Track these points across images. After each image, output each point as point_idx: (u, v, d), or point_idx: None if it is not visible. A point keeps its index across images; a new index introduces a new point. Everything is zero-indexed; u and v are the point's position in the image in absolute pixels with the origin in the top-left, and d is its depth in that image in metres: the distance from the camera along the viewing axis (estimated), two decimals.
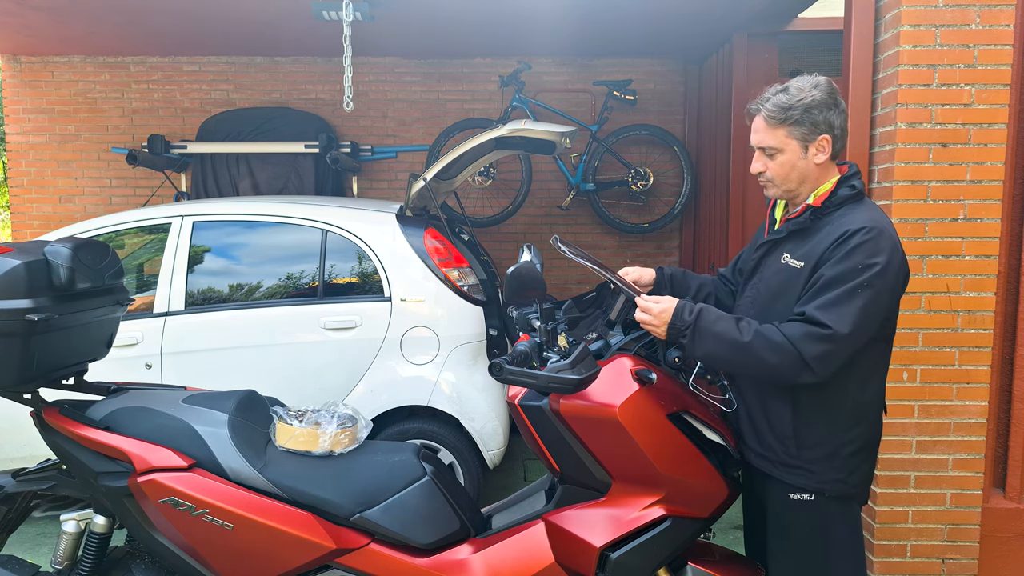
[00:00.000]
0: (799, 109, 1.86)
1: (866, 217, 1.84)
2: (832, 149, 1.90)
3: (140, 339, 3.75)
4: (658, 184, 6.03)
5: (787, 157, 1.91)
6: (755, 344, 1.79)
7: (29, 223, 6.32)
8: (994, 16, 2.95)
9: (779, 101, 1.89)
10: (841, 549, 1.92)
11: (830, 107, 1.87)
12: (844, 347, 1.77)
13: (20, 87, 6.24)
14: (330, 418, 2.25)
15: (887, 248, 1.80)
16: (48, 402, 2.28)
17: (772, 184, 1.97)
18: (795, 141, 1.90)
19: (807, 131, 1.88)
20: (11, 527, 2.34)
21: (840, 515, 1.92)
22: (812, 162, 1.90)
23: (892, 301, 1.84)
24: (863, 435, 1.90)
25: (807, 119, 1.87)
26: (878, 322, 1.82)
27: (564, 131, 3.61)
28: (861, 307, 1.75)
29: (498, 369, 1.77)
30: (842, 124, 1.90)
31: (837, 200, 1.90)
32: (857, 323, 1.75)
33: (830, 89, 1.89)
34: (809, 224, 1.91)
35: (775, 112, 1.89)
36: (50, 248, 2.13)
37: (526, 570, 2.01)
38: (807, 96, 1.87)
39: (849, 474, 1.89)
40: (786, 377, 1.81)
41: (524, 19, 4.95)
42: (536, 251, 2.20)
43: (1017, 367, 3.27)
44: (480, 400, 3.72)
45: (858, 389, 1.89)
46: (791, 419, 1.91)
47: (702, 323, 1.85)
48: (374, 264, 3.78)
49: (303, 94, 6.25)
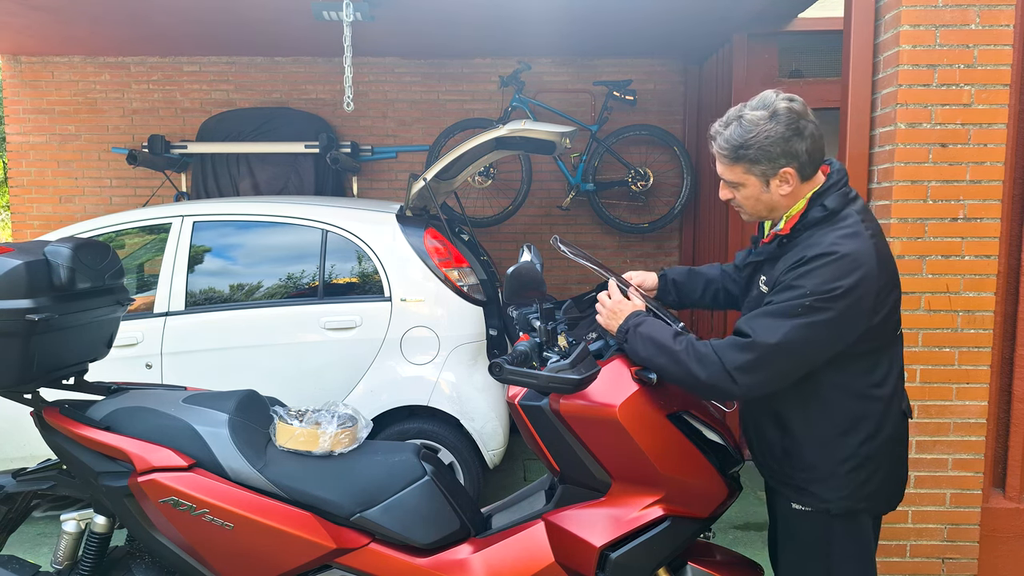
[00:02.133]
0: (753, 147, 1.73)
1: (830, 241, 1.70)
2: (800, 176, 1.77)
3: (140, 339, 3.75)
4: (658, 184, 6.03)
5: (749, 191, 1.82)
6: (685, 353, 1.77)
7: (29, 223, 6.32)
8: (994, 16, 2.95)
9: (731, 138, 1.76)
10: (846, 559, 1.86)
11: (790, 138, 1.72)
12: (769, 359, 1.68)
13: (20, 87, 6.25)
14: (330, 418, 2.25)
15: (851, 271, 1.66)
16: (48, 402, 2.28)
17: (743, 211, 1.91)
18: (754, 177, 1.79)
19: (766, 167, 1.75)
20: (11, 527, 2.34)
21: (845, 529, 1.84)
22: (776, 194, 1.79)
23: (855, 323, 1.70)
24: (864, 450, 1.79)
25: (764, 156, 1.74)
26: (820, 346, 1.70)
27: (564, 131, 3.61)
28: (799, 324, 1.66)
29: (498, 369, 1.77)
30: (809, 148, 1.74)
31: (807, 223, 1.78)
32: (789, 338, 1.66)
33: (789, 118, 1.72)
34: (778, 251, 1.84)
35: (728, 151, 1.78)
36: (50, 248, 2.13)
37: (526, 570, 2.01)
38: (762, 131, 1.72)
39: (853, 491, 1.80)
40: (715, 389, 1.74)
41: (524, 19, 4.96)
42: (536, 251, 2.20)
43: (1017, 367, 3.27)
44: (480, 400, 3.72)
45: (847, 403, 1.78)
46: (780, 440, 1.88)
47: (642, 328, 1.85)
48: (374, 264, 3.79)
49: (303, 94, 6.25)
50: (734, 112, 1.80)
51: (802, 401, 1.81)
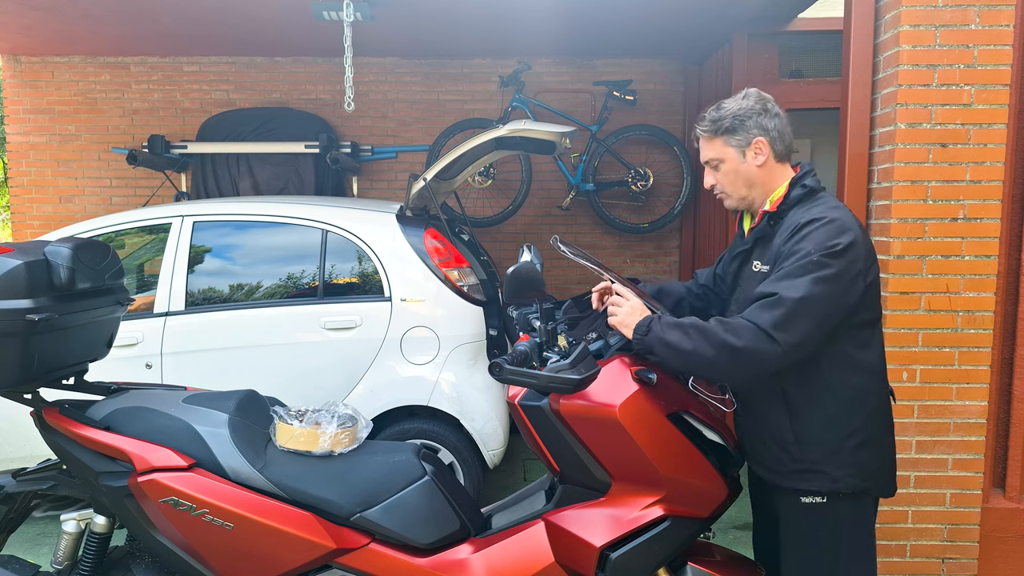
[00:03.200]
0: (728, 118, 1.98)
1: (818, 211, 1.88)
2: (772, 150, 1.98)
3: (140, 339, 3.75)
4: (658, 184, 6.03)
5: (729, 165, 2.01)
6: (714, 327, 1.81)
7: (29, 223, 6.32)
8: (994, 16, 2.95)
9: (711, 115, 2.03)
10: (855, 552, 1.91)
11: (759, 113, 1.98)
12: (798, 312, 1.76)
13: (20, 87, 6.25)
14: (330, 418, 2.25)
15: (844, 232, 1.81)
16: (48, 402, 2.28)
17: (725, 195, 2.06)
18: (732, 148, 2.00)
19: (741, 138, 1.98)
20: (11, 527, 2.34)
21: (853, 517, 1.92)
22: (752, 165, 1.99)
23: (855, 283, 1.82)
24: (865, 426, 1.88)
25: (738, 126, 1.98)
26: (840, 300, 1.80)
27: (564, 131, 3.61)
28: (813, 279, 1.77)
29: (498, 369, 1.77)
30: (778, 127, 1.98)
31: (791, 201, 1.95)
32: (809, 293, 1.76)
33: (759, 97, 2.01)
34: (769, 230, 1.97)
35: (708, 126, 2.03)
36: (50, 248, 2.13)
37: (526, 570, 2.01)
38: (734, 106, 2.00)
39: (859, 468, 1.88)
40: (754, 354, 1.77)
41: (524, 19, 4.96)
42: (536, 251, 2.20)
43: (1017, 367, 3.27)
44: (480, 400, 3.72)
45: (846, 378, 1.88)
46: (789, 423, 1.91)
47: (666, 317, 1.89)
48: (374, 264, 3.79)
49: (303, 94, 6.25)
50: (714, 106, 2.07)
51: (805, 379, 1.88)
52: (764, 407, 1.95)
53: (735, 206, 2.08)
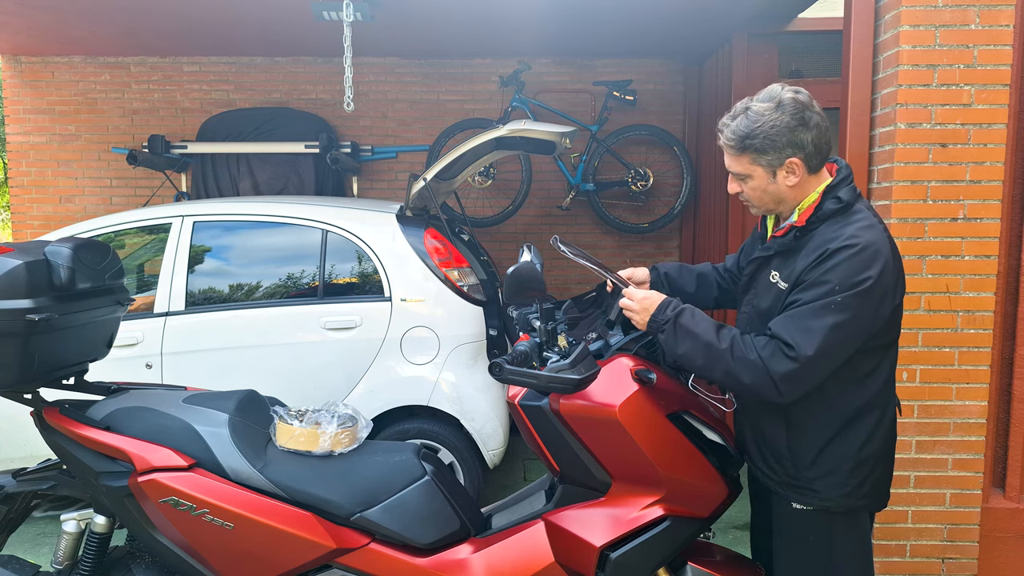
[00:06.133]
0: (759, 136, 1.76)
1: (851, 231, 1.73)
2: (807, 167, 1.80)
3: (140, 339, 3.75)
4: (658, 184, 6.03)
5: (756, 183, 1.85)
6: (730, 352, 1.77)
7: (29, 223, 6.32)
8: (994, 16, 2.95)
9: (738, 129, 1.79)
10: (847, 557, 1.89)
11: (795, 128, 1.75)
12: (809, 370, 1.71)
13: (20, 87, 6.24)
14: (330, 418, 2.25)
15: (874, 262, 1.70)
16: (48, 402, 2.28)
17: (751, 204, 1.94)
18: (761, 168, 1.81)
19: (772, 157, 1.78)
20: (11, 527, 2.35)
21: (846, 527, 1.87)
22: (783, 185, 1.82)
23: (879, 311, 1.74)
24: (865, 447, 1.83)
25: (769, 146, 1.77)
26: (851, 343, 1.74)
27: (564, 131, 3.61)
28: (831, 326, 1.68)
29: (498, 369, 1.77)
30: (815, 138, 1.77)
31: (822, 215, 1.80)
32: (824, 345, 1.68)
33: (795, 108, 1.76)
34: (794, 244, 1.84)
35: (734, 141, 1.81)
36: (50, 248, 2.13)
37: (526, 570, 2.01)
38: (767, 120, 1.75)
39: (854, 488, 1.83)
40: (755, 390, 1.76)
41: (524, 19, 4.95)
42: (536, 251, 2.20)
43: (1017, 367, 3.27)
44: (480, 400, 3.72)
45: (850, 397, 1.82)
46: (785, 438, 1.88)
47: (682, 320, 1.84)
48: (374, 264, 3.79)
49: (303, 94, 6.25)
50: (741, 105, 1.84)
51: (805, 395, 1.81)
52: (763, 418, 1.93)
53: (761, 214, 1.97)
